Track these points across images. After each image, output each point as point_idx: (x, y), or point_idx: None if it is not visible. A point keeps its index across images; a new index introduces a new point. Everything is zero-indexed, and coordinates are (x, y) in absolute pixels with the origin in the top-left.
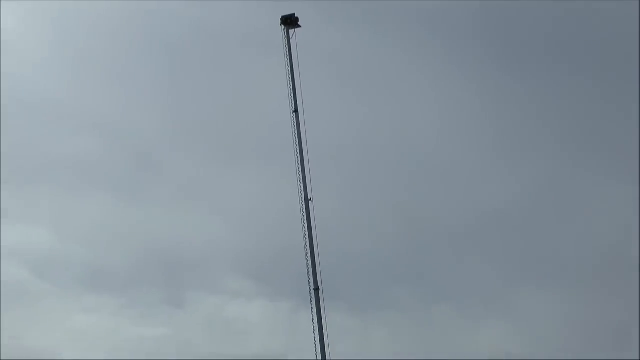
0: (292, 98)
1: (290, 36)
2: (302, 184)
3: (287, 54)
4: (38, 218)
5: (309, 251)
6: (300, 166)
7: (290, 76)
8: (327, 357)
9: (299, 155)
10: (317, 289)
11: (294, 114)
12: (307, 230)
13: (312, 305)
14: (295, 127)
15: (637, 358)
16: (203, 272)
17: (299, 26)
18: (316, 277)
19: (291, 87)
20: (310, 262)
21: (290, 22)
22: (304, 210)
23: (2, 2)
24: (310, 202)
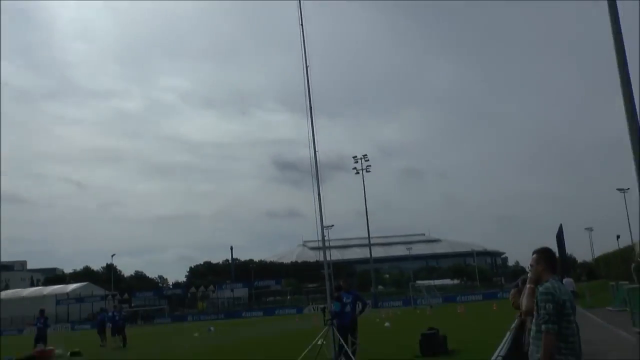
0: (300, 19)
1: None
2: (304, 57)
3: (299, 9)
4: (191, 75)
5: (307, 90)
6: (303, 50)
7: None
8: (315, 143)
9: (303, 47)
10: (310, 108)
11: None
12: (306, 80)
13: (307, 115)
14: (302, 39)
15: None
16: (257, 98)
17: None
18: (310, 101)
19: (300, 23)
20: (307, 96)
21: None
22: (306, 72)
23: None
24: (307, 68)
